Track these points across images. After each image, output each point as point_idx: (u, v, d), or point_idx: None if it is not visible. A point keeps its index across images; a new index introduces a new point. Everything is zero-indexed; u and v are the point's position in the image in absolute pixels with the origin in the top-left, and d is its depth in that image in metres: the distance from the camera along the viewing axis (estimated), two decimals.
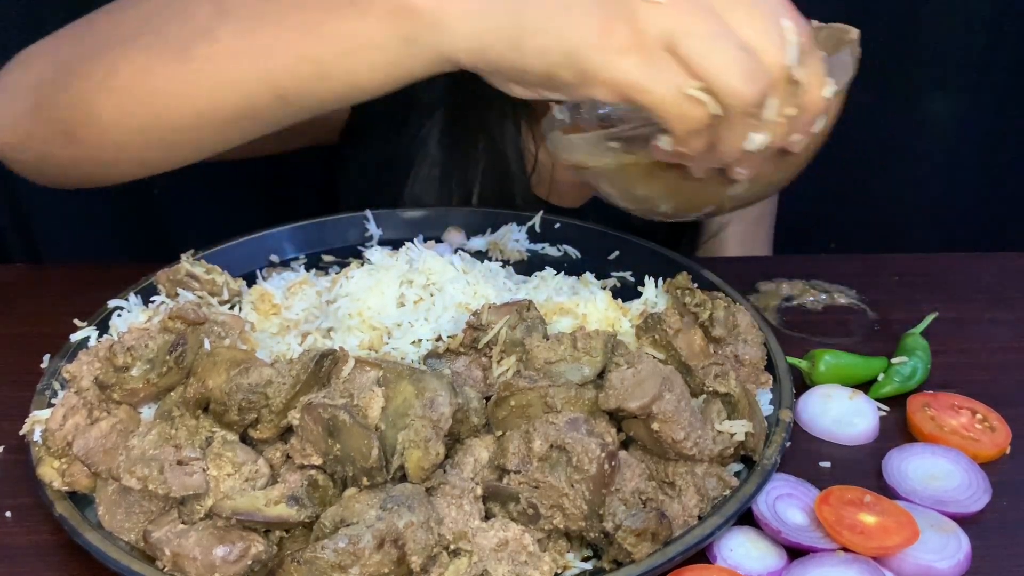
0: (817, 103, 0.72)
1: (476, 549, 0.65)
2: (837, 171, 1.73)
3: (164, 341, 0.75)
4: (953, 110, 1.66)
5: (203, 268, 0.93)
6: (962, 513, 0.75)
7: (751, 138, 0.70)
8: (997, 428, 0.83)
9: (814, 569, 0.69)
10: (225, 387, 0.70)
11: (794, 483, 0.76)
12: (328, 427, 0.66)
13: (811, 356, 0.91)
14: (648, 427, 0.70)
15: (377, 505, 0.63)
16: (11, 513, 0.75)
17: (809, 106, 0.72)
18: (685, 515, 0.69)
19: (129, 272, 0.97)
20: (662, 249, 1.05)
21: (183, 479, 0.66)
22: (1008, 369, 0.94)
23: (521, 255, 1.08)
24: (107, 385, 0.74)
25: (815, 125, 0.74)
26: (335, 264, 1.06)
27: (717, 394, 0.76)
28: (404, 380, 0.69)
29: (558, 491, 0.66)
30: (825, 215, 1.74)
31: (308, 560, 0.61)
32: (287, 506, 0.66)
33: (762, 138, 0.70)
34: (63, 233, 1.49)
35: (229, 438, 0.70)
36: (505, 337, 0.78)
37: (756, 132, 0.70)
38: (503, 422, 0.72)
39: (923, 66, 1.62)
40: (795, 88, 0.70)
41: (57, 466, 0.72)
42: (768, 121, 0.70)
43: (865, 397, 0.87)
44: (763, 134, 0.70)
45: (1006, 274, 1.11)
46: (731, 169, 0.75)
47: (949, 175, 1.72)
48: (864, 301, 1.05)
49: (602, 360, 0.76)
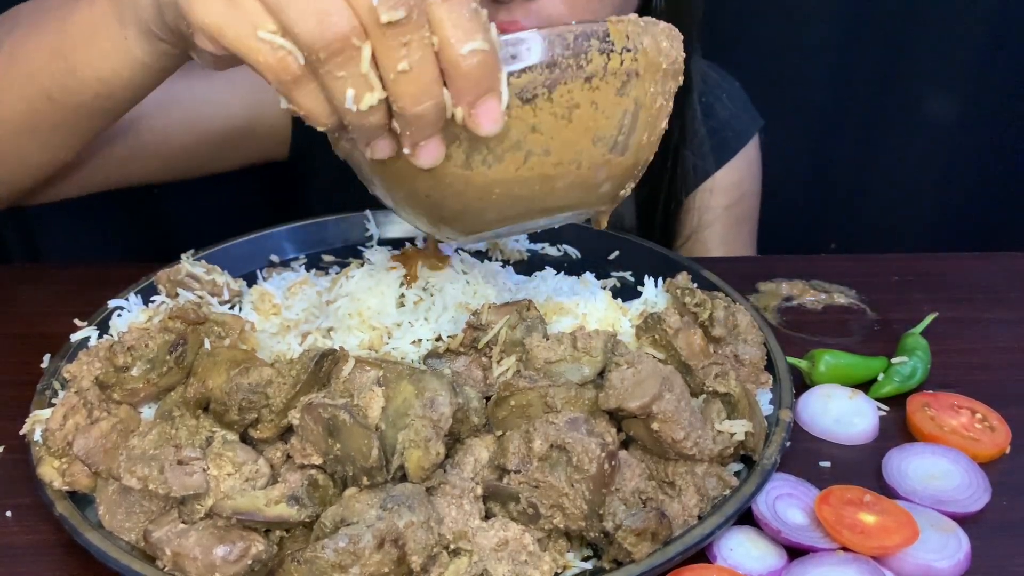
0: (452, 61, 0.58)
1: (476, 549, 0.65)
2: (837, 171, 1.74)
3: (164, 341, 0.75)
4: (953, 110, 1.66)
5: (203, 268, 0.93)
6: (962, 513, 0.75)
7: (347, 94, 0.58)
8: (997, 428, 0.83)
9: (814, 569, 0.69)
10: (225, 387, 0.70)
11: (794, 483, 0.76)
12: (328, 427, 0.66)
13: (811, 356, 0.91)
14: (648, 427, 0.70)
15: (377, 505, 0.64)
16: (11, 513, 0.75)
17: (443, 63, 0.58)
18: (685, 515, 0.69)
19: (129, 272, 0.97)
20: (662, 249, 1.06)
21: (183, 479, 0.66)
22: (1008, 369, 0.94)
23: (521, 255, 1.08)
24: (107, 385, 0.74)
25: (467, 93, 0.60)
26: (335, 264, 1.06)
27: (717, 394, 0.76)
28: (404, 380, 0.69)
29: (558, 491, 0.66)
30: (825, 215, 1.75)
31: (308, 560, 0.61)
32: (287, 506, 0.66)
33: (352, 93, 0.58)
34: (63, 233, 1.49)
35: (229, 438, 0.70)
36: (505, 337, 0.78)
37: (348, 87, 0.58)
38: (503, 422, 0.72)
39: (923, 66, 1.62)
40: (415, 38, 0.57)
41: (57, 466, 0.72)
42: (362, 75, 0.58)
43: (865, 397, 0.87)
44: (352, 89, 0.58)
45: (1006, 274, 1.11)
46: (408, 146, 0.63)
47: (949, 175, 1.73)
48: (864, 301, 1.05)
49: (602, 360, 0.76)
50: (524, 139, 0.65)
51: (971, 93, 1.64)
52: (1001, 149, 1.69)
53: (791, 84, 1.63)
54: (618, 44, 0.66)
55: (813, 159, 1.70)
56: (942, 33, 1.59)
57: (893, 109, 1.66)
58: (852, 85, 1.65)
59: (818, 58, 1.63)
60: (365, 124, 0.61)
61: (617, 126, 0.68)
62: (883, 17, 1.59)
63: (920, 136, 1.69)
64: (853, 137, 1.69)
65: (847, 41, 1.62)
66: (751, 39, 1.59)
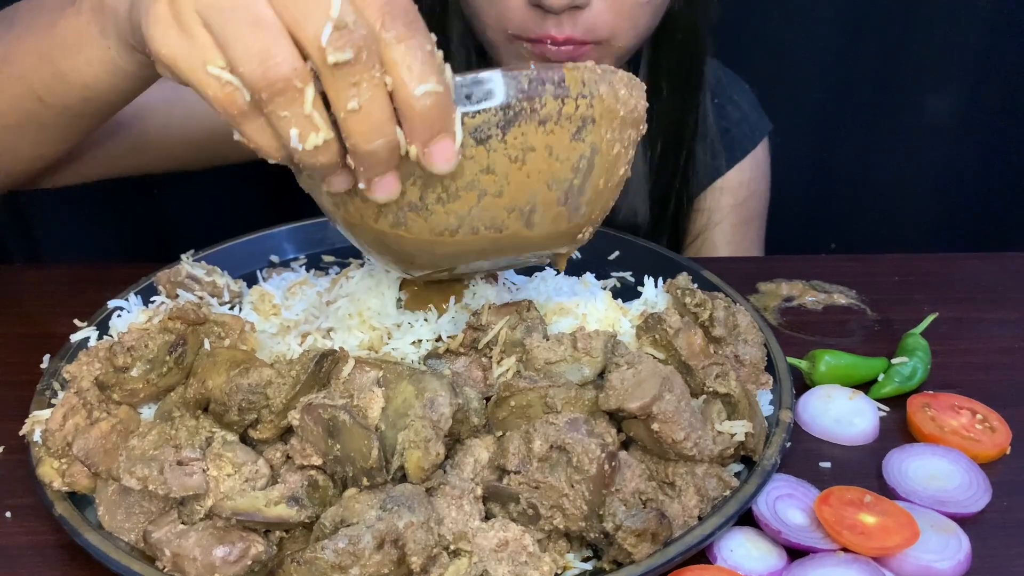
0: (405, 101, 0.58)
1: (476, 549, 0.65)
2: (838, 171, 1.74)
3: (164, 341, 0.75)
4: (953, 110, 1.66)
5: (203, 270, 0.93)
6: (962, 513, 0.75)
7: (291, 134, 0.58)
8: (997, 428, 0.83)
9: (814, 569, 0.69)
10: (225, 387, 0.70)
11: (794, 483, 0.76)
12: (328, 427, 0.66)
13: (811, 356, 0.91)
14: (648, 427, 0.70)
15: (377, 505, 0.63)
16: (11, 513, 0.75)
17: (396, 103, 0.58)
18: (685, 515, 0.69)
19: (129, 272, 0.97)
20: (662, 249, 1.06)
21: (183, 479, 0.66)
22: (1008, 369, 0.94)
23: None
24: (107, 385, 0.74)
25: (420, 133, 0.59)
26: (335, 264, 1.06)
27: (717, 394, 0.76)
28: (404, 380, 0.69)
29: (558, 491, 0.66)
30: (825, 215, 1.75)
31: (308, 560, 0.61)
32: (287, 506, 0.66)
33: (296, 133, 0.58)
34: (63, 233, 1.49)
35: (229, 438, 0.70)
36: (505, 337, 0.78)
37: (292, 127, 0.58)
38: (503, 422, 0.72)
39: (923, 66, 1.62)
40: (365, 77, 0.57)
41: (57, 466, 0.72)
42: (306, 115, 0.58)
43: (865, 397, 0.87)
44: (296, 129, 0.58)
45: (1006, 274, 1.11)
46: (362, 181, 0.62)
47: (949, 175, 1.73)
48: (864, 301, 1.05)
49: (602, 360, 0.76)
50: (477, 179, 0.65)
51: (971, 93, 1.65)
52: (1001, 149, 1.69)
53: (791, 84, 1.63)
54: (573, 90, 0.65)
55: (813, 159, 1.70)
56: (942, 33, 1.59)
57: (893, 109, 1.66)
58: (852, 85, 1.65)
59: (819, 58, 1.64)
60: (315, 163, 0.60)
61: (572, 170, 0.68)
62: (884, 17, 1.59)
63: (920, 136, 1.69)
64: (853, 137, 1.69)
65: (847, 41, 1.62)
66: (751, 39, 1.59)
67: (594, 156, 0.68)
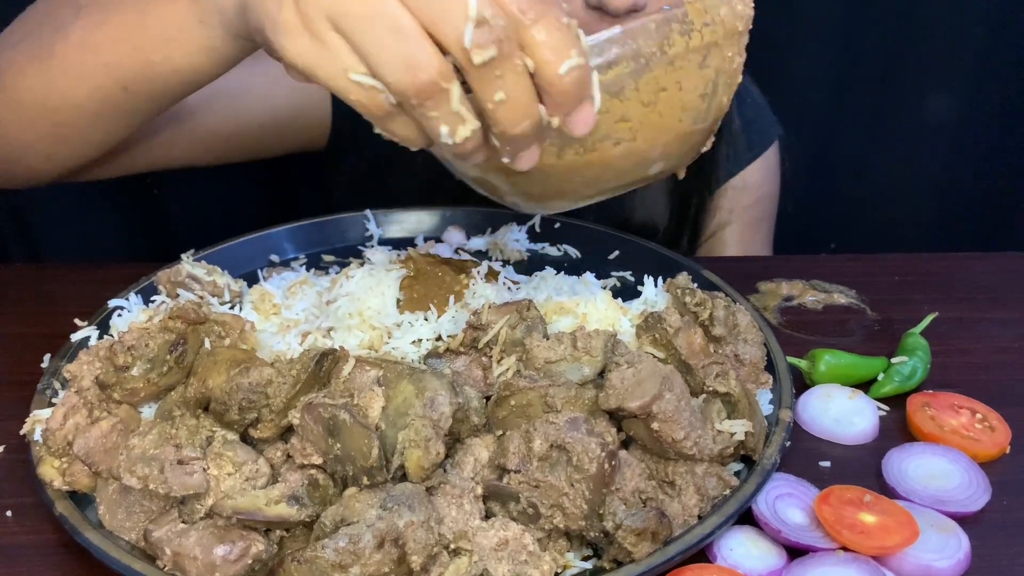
0: (550, 81, 0.59)
1: (476, 548, 0.65)
2: (838, 171, 1.74)
3: (164, 341, 0.75)
4: (953, 110, 1.66)
5: (204, 270, 0.93)
6: (962, 513, 0.75)
7: (440, 131, 0.60)
8: (997, 428, 0.83)
9: (814, 568, 0.69)
10: (225, 387, 0.70)
11: (794, 483, 0.76)
12: (328, 427, 0.66)
13: (811, 356, 0.91)
14: (648, 427, 0.70)
15: (377, 504, 0.64)
16: (11, 513, 0.75)
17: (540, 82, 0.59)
18: (685, 514, 0.69)
19: (129, 272, 0.97)
20: (662, 249, 1.06)
21: (183, 478, 0.66)
22: (1008, 369, 0.94)
23: (521, 255, 1.08)
24: (108, 385, 0.74)
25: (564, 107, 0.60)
26: (335, 264, 1.06)
27: (717, 394, 0.76)
28: (404, 380, 0.69)
29: (558, 491, 0.66)
30: (825, 215, 1.75)
31: (308, 559, 0.61)
32: (287, 505, 0.66)
33: (447, 130, 0.60)
34: (63, 233, 1.49)
35: (229, 438, 0.70)
36: (505, 337, 0.78)
37: (442, 124, 0.60)
38: (503, 422, 0.72)
39: (923, 66, 1.62)
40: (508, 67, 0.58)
41: (57, 465, 0.72)
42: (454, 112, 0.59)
43: (865, 397, 0.87)
44: (447, 126, 0.60)
45: (1006, 274, 1.11)
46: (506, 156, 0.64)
47: (949, 175, 1.73)
48: (864, 301, 1.05)
49: (602, 360, 0.76)
50: (613, 129, 0.67)
51: (971, 93, 1.65)
52: (1001, 149, 1.69)
53: (791, 84, 1.63)
54: (697, 22, 0.67)
55: (813, 159, 1.70)
56: (942, 33, 1.59)
57: (893, 109, 1.66)
58: (852, 85, 1.65)
59: (819, 58, 1.63)
60: (463, 152, 0.63)
61: (700, 97, 0.70)
62: (884, 17, 1.59)
63: (920, 136, 1.69)
64: (854, 137, 1.69)
65: (847, 41, 1.62)
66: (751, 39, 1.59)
67: (719, 77, 0.70)
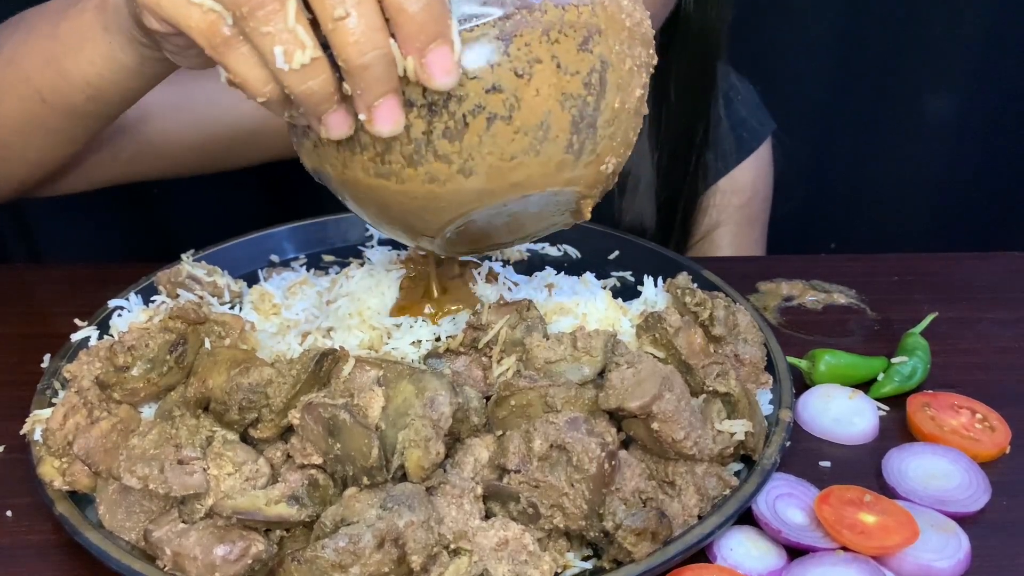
0: (396, 5, 0.56)
1: (476, 548, 0.65)
2: (837, 171, 1.73)
3: (164, 341, 0.75)
4: (953, 110, 1.66)
5: (204, 270, 0.93)
6: (962, 513, 0.75)
7: (275, 52, 0.57)
8: (997, 428, 0.83)
9: (814, 569, 0.69)
10: (225, 387, 0.70)
11: (794, 483, 0.76)
12: (328, 427, 0.66)
13: (811, 356, 0.91)
14: (648, 427, 0.70)
15: (377, 504, 0.64)
16: (11, 513, 0.75)
17: (387, 11, 0.56)
18: (685, 515, 0.69)
19: (129, 272, 0.97)
20: (662, 249, 1.06)
21: (183, 478, 0.66)
22: (1008, 369, 0.94)
23: (521, 255, 1.08)
24: (108, 385, 0.74)
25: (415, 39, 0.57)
26: (335, 264, 1.06)
27: (717, 394, 0.76)
28: (404, 380, 0.69)
29: (558, 491, 0.66)
30: (825, 215, 1.74)
31: (308, 559, 0.61)
32: (287, 505, 0.66)
33: (281, 50, 0.56)
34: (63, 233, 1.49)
35: (229, 437, 0.70)
36: (505, 337, 0.78)
37: (276, 43, 0.56)
38: (503, 422, 0.72)
39: (923, 66, 1.62)
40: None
41: (58, 465, 0.72)
42: (289, 29, 0.56)
43: (865, 397, 0.87)
44: (281, 46, 0.56)
45: (1006, 274, 1.11)
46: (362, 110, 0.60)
47: (949, 175, 1.73)
48: (864, 301, 1.05)
49: (602, 360, 0.76)
50: (484, 101, 0.62)
51: (971, 93, 1.64)
52: (1001, 149, 1.69)
53: (791, 84, 1.63)
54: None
55: (813, 159, 1.70)
56: (942, 33, 1.59)
57: (893, 109, 1.66)
58: (852, 85, 1.65)
59: (818, 57, 1.63)
60: (306, 90, 0.58)
61: (583, 84, 0.64)
62: (883, 17, 1.59)
63: (920, 136, 1.69)
64: (853, 137, 1.69)
65: (847, 41, 1.62)
66: (750, 38, 1.59)
67: (605, 71, 0.65)
